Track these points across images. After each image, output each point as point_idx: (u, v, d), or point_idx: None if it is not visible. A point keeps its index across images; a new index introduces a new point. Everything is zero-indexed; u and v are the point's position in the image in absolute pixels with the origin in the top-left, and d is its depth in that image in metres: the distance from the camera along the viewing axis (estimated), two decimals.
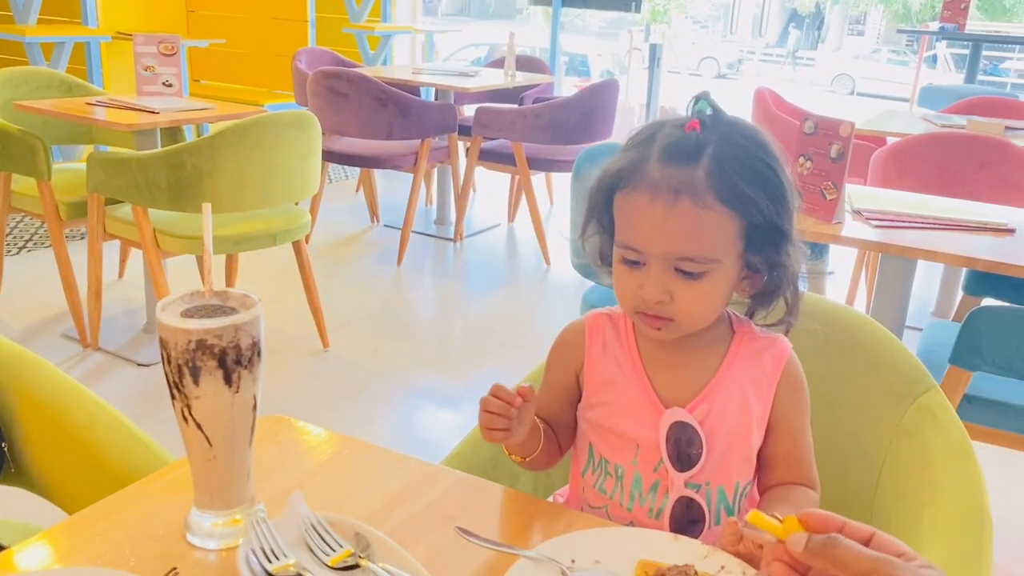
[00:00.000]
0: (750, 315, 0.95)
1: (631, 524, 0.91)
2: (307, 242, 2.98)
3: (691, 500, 0.91)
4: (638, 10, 6.34)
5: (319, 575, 0.69)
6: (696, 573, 0.69)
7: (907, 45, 19.66)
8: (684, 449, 0.90)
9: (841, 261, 3.69)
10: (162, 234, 2.66)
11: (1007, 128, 3.31)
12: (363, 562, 0.71)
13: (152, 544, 0.77)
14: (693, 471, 0.90)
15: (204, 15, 5.93)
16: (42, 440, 1.14)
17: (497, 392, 0.85)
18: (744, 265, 0.88)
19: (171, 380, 0.71)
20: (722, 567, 0.73)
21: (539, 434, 0.94)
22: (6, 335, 1.20)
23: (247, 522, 0.74)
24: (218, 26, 5.80)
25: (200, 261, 2.98)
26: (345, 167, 5.68)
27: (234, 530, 0.76)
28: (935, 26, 5.69)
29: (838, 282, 3.59)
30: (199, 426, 0.72)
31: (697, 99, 0.88)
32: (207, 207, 0.73)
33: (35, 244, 4.00)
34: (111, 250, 3.37)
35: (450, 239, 4.39)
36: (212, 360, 0.69)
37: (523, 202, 4.50)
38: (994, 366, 1.75)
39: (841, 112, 4.23)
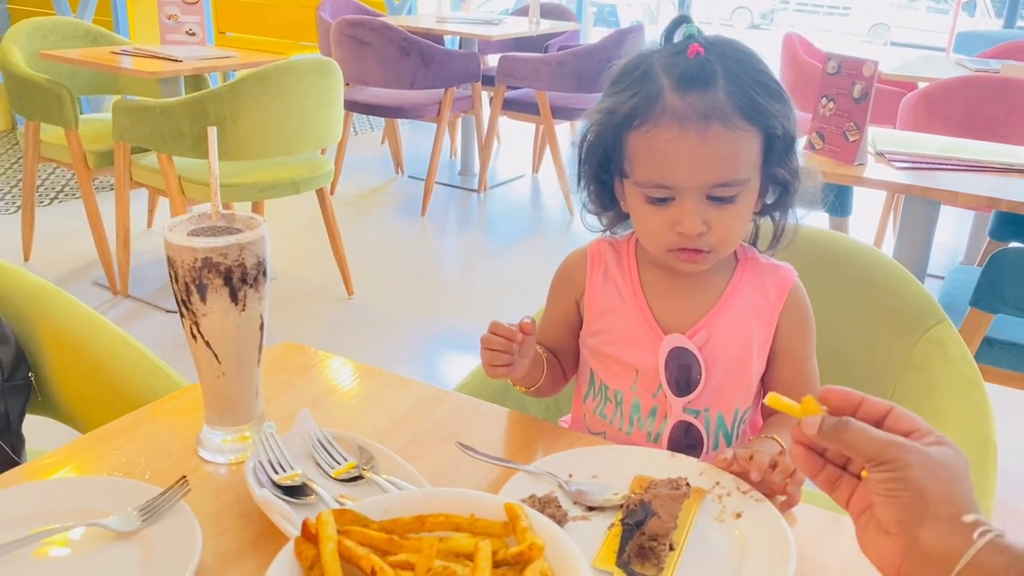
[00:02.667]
0: (751, 239, 0.95)
1: (674, 454, 0.92)
2: (332, 192, 3.00)
3: (689, 425, 0.92)
4: None
5: (324, 486, 0.72)
6: (688, 485, 0.70)
7: None
8: (683, 375, 0.90)
9: (868, 206, 3.64)
10: (187, 181, 2.69)
11: None
12: (367, 474, 0.73)
13: (165, 458, 0.80)
14: (691, 396, 0.90)
15: None
16: (66, 370, 1.18)
17: (496, 329, 0.85)
18: (763, 182, 0.88)
19: (179, 298, 0.73)
20: (717, 483, 0.75)
21: (542, 364, 0.95)
22: None
23: (255, 437, 0.76)
24: None
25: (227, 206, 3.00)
26: (370, 118, 5.68)
27: (243, 446, 0.78)
28: None
29: (865, 228, 3.55)
30: (207, 343, 0.74)
31: (679, 22, 0.86)
32: (212, 130, 0.74)
33: (66, 195, 4.07)
34: (140, 201, 3.42)
35: (474, 190, 4.38)
36: (218, 278, 0.71)
37: (548, 152, 4.48)
38: (1015, 308, 1.73)
39: (876, 60, 4.13)
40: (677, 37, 0.85)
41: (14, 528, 0.67)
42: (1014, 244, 2.31)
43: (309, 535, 0.56)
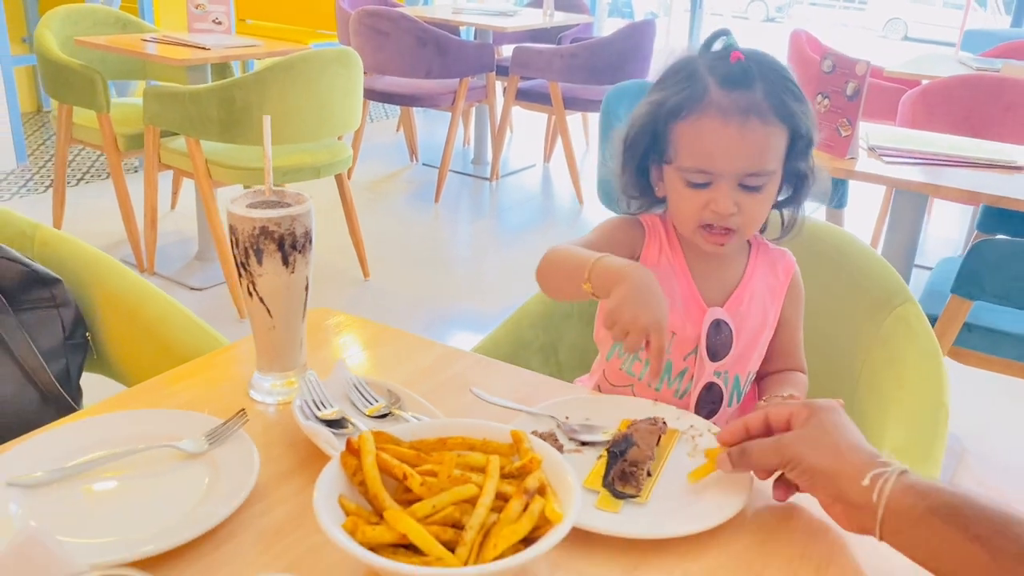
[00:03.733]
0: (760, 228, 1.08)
1: (654, 403, 1.04)
2: (349, 178, 3.13)
3: (713, 384, 1.06)
4: None
5: (359, 421, 0.85)
6: (665, 423, 0.83)
7: None
8: (718, 343, 1.04)
9: (868, 201, 3.74)
10: (213, 164, 2.82)
11: None
12: (395, 411, 0.86)
13: (221, 400, 0.93)
14: (723, 361, 1.04)
15: None
16: (120, 331, 1.31)
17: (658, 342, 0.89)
18: (784, 176, 1.00)
19: (238, 261, 0.86)
20: (691, 425, 0.87)
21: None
22: None
23: (300, 381, 0.89)
24: None
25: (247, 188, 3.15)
26: (386, 106, 5.81)
27: (289, 389, 0.92)
28: None
29: (865, 220, 3.66)
30: (261, 300, 0.87)
31: (719, 35, 0.99)
32: (267, 118, 0.87)
33: (92, 176, 4.21)
34: (164, 183, 3.56)
35: (486, 178, 4.51)
36: (272, 244, 0.84)
37: (559, 142, 4.60)
38: (993, 296, 1.84)
39: (888, 57, 4.22)
40: (717, 46, 0.98)
41: (99, 449, 0.80)
42: (1000, 236, 2.42)
43: (352, 450, 0.69)
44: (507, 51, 4.64)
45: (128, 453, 0.79)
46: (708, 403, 1.06)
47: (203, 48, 3.01)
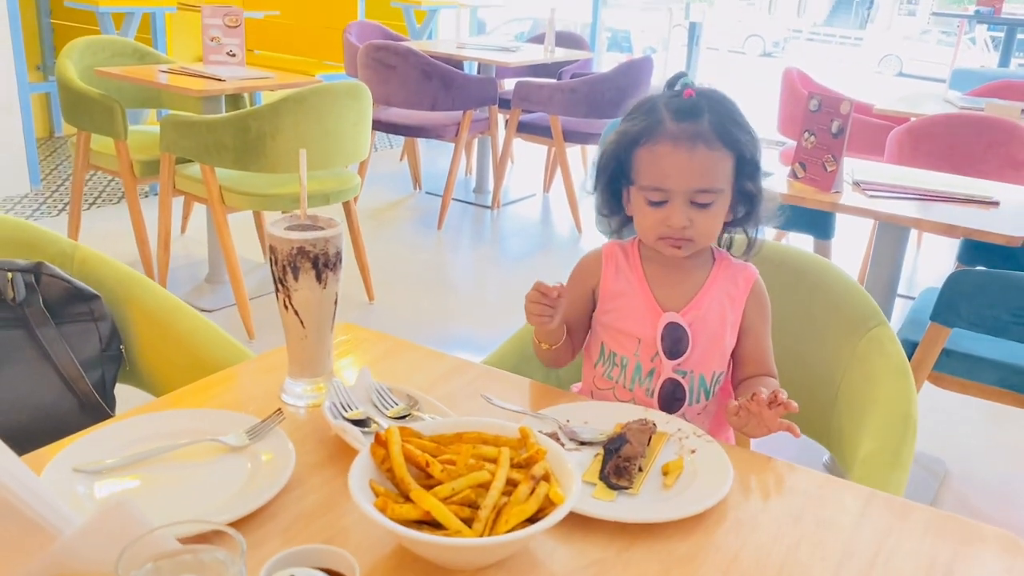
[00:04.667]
0: (726, 245, 1.20)
1: (632, 402, 1.17)
2: (355, 204, 3.24)
3: (676, 382, 1.16)
4: None
5: (381, 422, 0.95)
6: (654, 424, 0.93)
7: (958, 26, 19.30)
8: (675, 343, 1.16)
9: (857, 234, 3.87)
10: (227, 191, 2.94)
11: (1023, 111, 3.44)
12: (414, 413, 0.97)
13: (255, 403, 1.03)
14: (680, 360, 1.16)
15: None
16: (153, 344, 1.42)
17: (539, 287, 1.11)
18: (734, 195, 1.14)
19: (276, 277, 0.96)
20: (678, 429, 0.98)
21: (563, 327, 1.20)
22: None
23: (328, 386, 0.99)
24: None
25: (257, 216, 3.26)
26: (390, 136, 5.95)
27: (318, 394, 1.02)
28: (972, 10, 5.76)
29: (853, 251, 3.78)
30: (296, 312, 0.97)
31: (678, 77, 1.14)
32: (303, 152, 0.98)
33: (104, 200, 4.33)
34: (174, 207, 3.67)
35: (488, 207, 4.63)
36: (308, 262, 0.94)
37: (558, 173, 4.73)
38: (969, 323, 1.95)
39: (881, 92, 4.33)
40: (677, 86, 1.14)
41: (151, 443, 0.90)
42: (979, 268, 2.53)
43: (381, 442, 0.80)
44: (509, 85, 4.79)
45: (178, 446, 0.89)
46: (673, 400, 1.17)
47: (218, 79, 3.14)
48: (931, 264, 4.19)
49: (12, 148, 4.30)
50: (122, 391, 1.44)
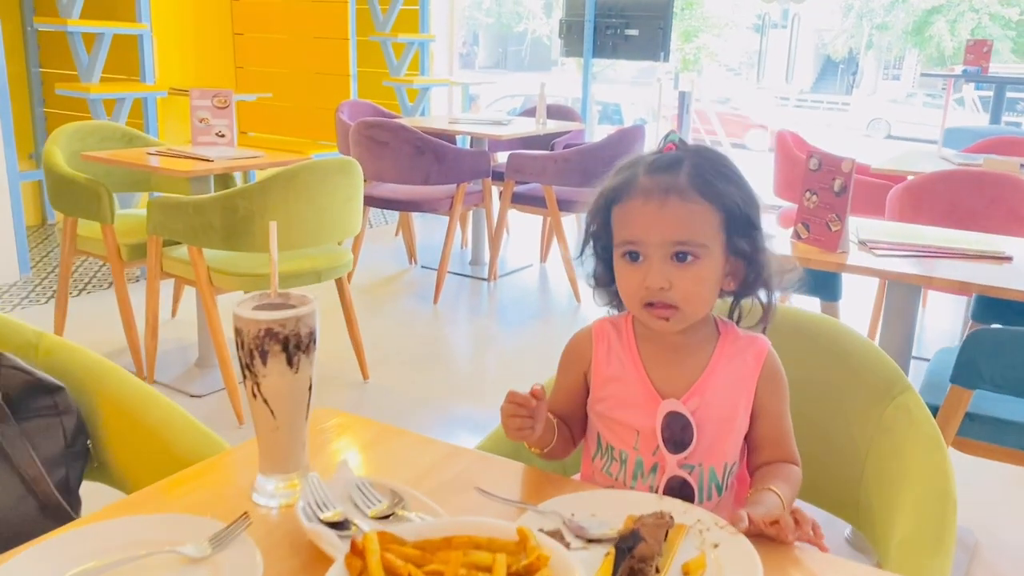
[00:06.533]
0: (733, 316, 1.10)
1: (662, 496, 1.04)
2: (349, 281, 3.17)
3: (682, 480, 1.04)
4: (667, 59, 6.54)
5: (362, 523, 0.84)
6: (671, 517, 0.82)
7: (943, 88, 19.65)
8: (678, 435, 1.04)
9: (863, 294, 3.79)
10: (216, 272, 2.86)
11: (1022, 165, 3.40)
12: (399, 512, 0.86)
13: (224, 503, 0.92)
14: (685, 453, 1.04)
15: (252, 71, 6.26)
16: (122, 437, 1.31)
17: (514, 397, 1.00)
18: (727, 256, 1.04)
19: (243, 363, 0.87)
20: (698, 520, 0.87)
21: (553, 428, 1.08)
22: None
23: (302, 482, 0.89)
24: (265, 81, 6.11)
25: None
26: (385, 212, 5.92)
27: (292, 491, 0.91)
28: (960, 69, 5.81)
29: (860, 313, 3.68)
30: (265, 401, 0.88)
31: (668, 133, 1.06)
32: (273, 224, 0.90)
33: (94, 286, 4.26)
34: (165, 291, 3.59)
35: (484, 279, 4.56)
36: (277, 345, 0.85)
37: (555, 243, 4.67)
38: (992, 384, 1.85)
39: (873, 154, 4.32)
40: (662, 145, 1.06)
41: (99, 557, 0.79)
42: (995, 325, 2.44)
43: (357, 551, 0.69)
44: (502, 158, 4.77)
45: (130, 560, 0.79)
46: (680, 497, 1.02)
47: (206, 160, 3.10)
48: (938, 323, 4.10)
49: (2, 236, 4.25)
50: (90, 489, 1.33)
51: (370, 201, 4.17)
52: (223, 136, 3.43)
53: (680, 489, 1.04)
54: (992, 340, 1.86)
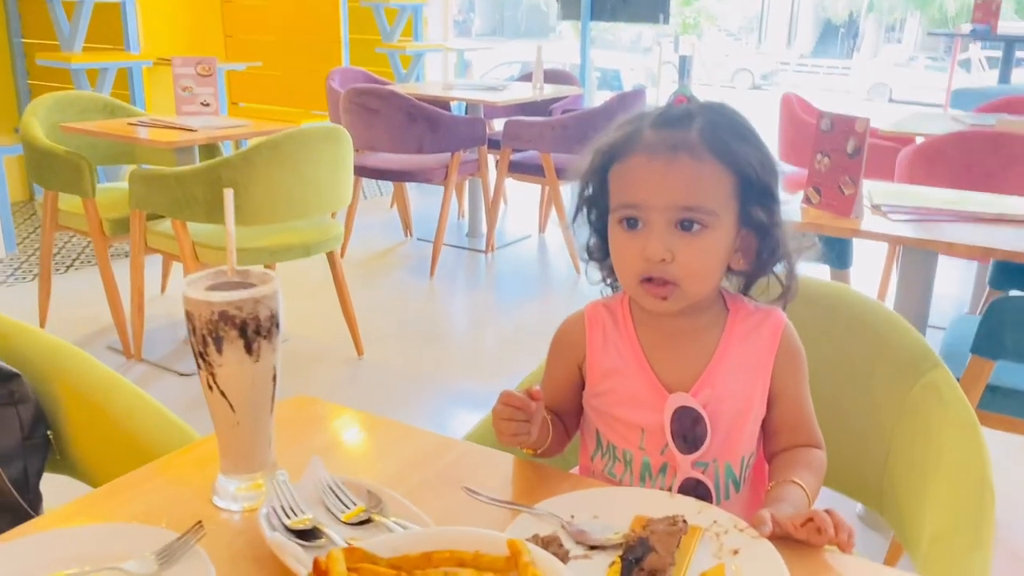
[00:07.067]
0: (745, 290, 0.98)
1: (673, 494, 0.93)
2: (343, 256, 3.06)
3: (697, 480, 0.93)
4: (666, 22, 6.36)
5: (334, 530, 0.74)
6: (685, 521, 0.72)
7: (945, 51, 19.39)
8: (689, 431, 0.92)
9: (871, 259, 3.68)
10: (200, 246, 2.75)
11: None
12: (375, 517, 0.76)
13: (181, 507, 0.82)
14: (699, 452, 0.92)
15: (241, 39, 6.09)
16: (84, 428, 1.21)
17: (509, 400, 0.88)
18: (739, 229, 0.91)
19: (196, 350, 0.76)
20: (714, 521, 0.77)
21: (548, 427, 0.96)
22: None
23: (268, 484, 0.79)
24: (255, 50, 5.95)
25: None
26: (379, 184, 5.79)
27: (256, 493, 0.81)
28: (967, 28, 5.65)
29: (868, 280, 3.58)
30: (223, 393, 0.77)
31: (679, 89, 0.93)
32: (229, 192, 0.79)
33: (82, 263, 4.15)
34: (154, 266, 3.49)
35: (481, 251, 4.45)
36: (234, 330, 0.75)
37: (553, 213, 4.55)
38: (1015, 355, 1.75)
39: (877, 118, 4.21)
40: (671, 97, 0.93)
41: (42, 572, 0.70)
42: (1014, 292, 2.34)
43: (320, 572, 0.59)
44: (498, 125, 4.64)
45: None
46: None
47: (190, 130, 2.97)
48: (945, 288, 3.98)
49: None
50: (55, 482, 1.24)
51: (362, 171, 4.04)
52: (208, 105, 3.31)
53: (695, 491, 0.93)
54: (1016, 308, 1.76)
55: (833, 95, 17.61)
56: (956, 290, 3.97)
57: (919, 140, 3.18)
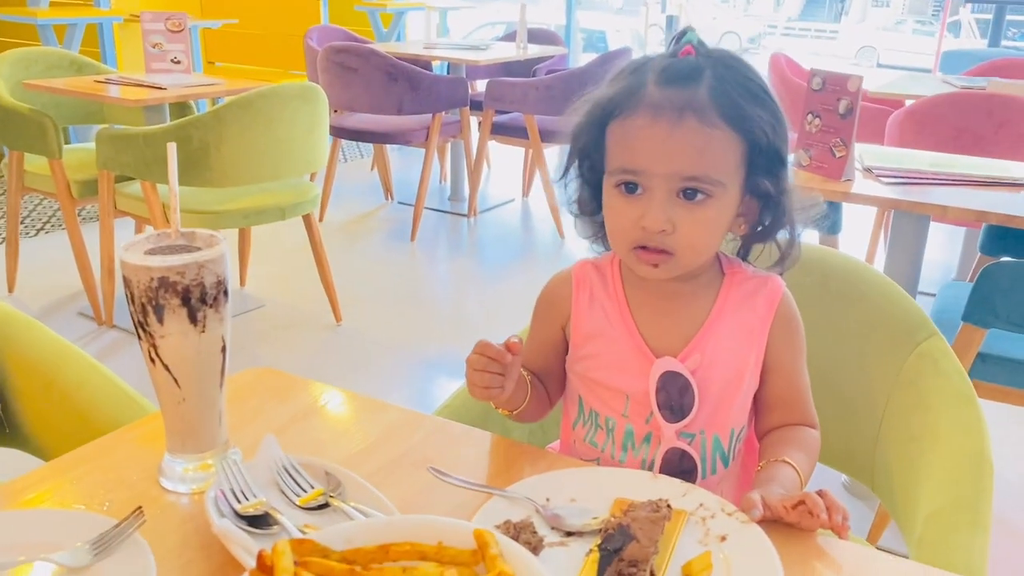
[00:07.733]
0: (744, 254, 0.92)
1: (656, 475, 0.88)
2: (321, 219, 2.98)
3: (682, 451, 0.88)
4: None
5: (288, 515, 0.68)
6: (669, 507, 0.67)
7: (933, 14, 19.25)
8: (676, 399, 0.87)
9: (858, 224, 3.63)
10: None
11: None
12: (333, 501, 0.70)
13: (126, 489, 0.76)
14: (685, 421, 0.87)
15: None
16: (35, 400, 1.14)
17: (485, 350, 0.82)
18: (744, 197, 0.85)
19: (136, 320, 0.70)
20: (700, 504, 0.71)
21: (525, 387, 0.91)
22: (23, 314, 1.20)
23: (217, 464, 0.73)
24: (231, 6, 5.79)
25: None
26: (360, 146, 5.68)
27: (205, 474, 0.75)
28: None
29: (856, 245, 3.53)
30: (166, 367, 0.71)
31: (684, 31, 0.85)
32: (172, 145, 0.71)
33: (51, 227, 4.04)
34: (126, 229, 3.39)
35: (464, 215, 4.37)
36: (176, 298, 0.68)
37: (537, 176, 4.47)
38: (1008, 322, 1.70)
39: (867, 81, 4.13)
40: (678, 43, 0.84)
41: None
42: (1005, 258, 2.29)
43: (264, 567, 0.53)
44: (481, 86, 4.53)
45: None
46: (679, 474, 0.86)
47: (160, 88, 2.87)
48: (933, 255, 3.95)
49: None
50: (2, 456, 1.17)
51: (340, 132, 3.94)
52: (179, 63, 3.19)
53: (679, 462, 0.88)
54: (1009, 275, 1.71)
55: (820, 59, 17.46)
56: (943, 255, 3.94)
57: (909, 103, 3.12)
